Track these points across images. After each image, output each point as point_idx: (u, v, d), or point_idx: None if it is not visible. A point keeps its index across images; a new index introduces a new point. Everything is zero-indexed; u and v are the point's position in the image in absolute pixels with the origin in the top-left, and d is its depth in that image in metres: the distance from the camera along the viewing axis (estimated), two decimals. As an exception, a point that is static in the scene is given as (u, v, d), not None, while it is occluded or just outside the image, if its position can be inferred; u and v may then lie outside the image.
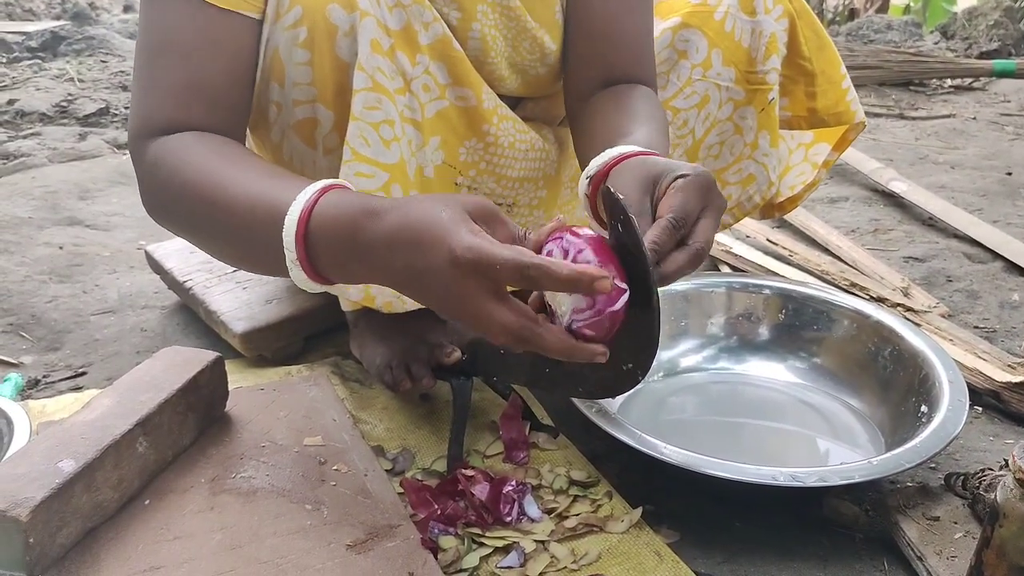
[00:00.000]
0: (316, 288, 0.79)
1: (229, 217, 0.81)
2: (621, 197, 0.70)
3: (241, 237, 0.82)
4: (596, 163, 0.86)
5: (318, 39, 0.90)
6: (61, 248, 1.65)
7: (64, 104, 2.75)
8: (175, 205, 0.87)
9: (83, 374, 1.23)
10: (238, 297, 1.26)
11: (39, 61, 3.37)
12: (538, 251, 0.71)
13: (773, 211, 1.36)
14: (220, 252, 0.91)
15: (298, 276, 0.77)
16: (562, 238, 0.70)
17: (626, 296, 0.70)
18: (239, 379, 1.13)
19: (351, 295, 1.02)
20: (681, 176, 0.77)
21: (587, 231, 0.70)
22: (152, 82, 0.90)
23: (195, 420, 0.94)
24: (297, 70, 0.91)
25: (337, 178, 0.87)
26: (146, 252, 1.44)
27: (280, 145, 0.98)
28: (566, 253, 0.69)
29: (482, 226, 0.70)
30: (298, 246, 0.74)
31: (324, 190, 0.76)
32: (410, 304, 1.00)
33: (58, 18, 4.19)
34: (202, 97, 0.89)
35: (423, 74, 0.95)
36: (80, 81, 3.09)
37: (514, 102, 1.13)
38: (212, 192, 0.82)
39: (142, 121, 0.90)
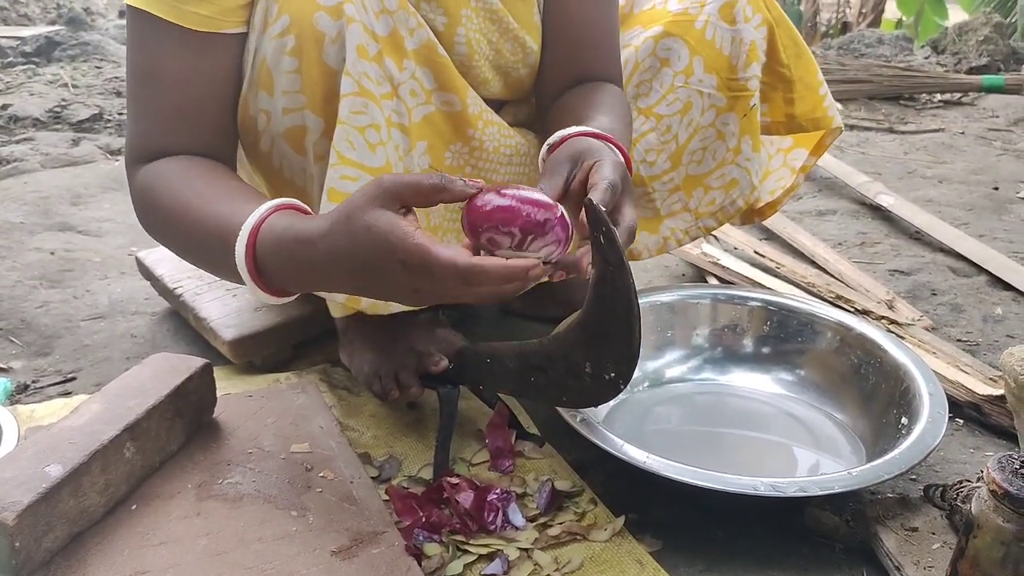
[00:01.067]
0: (277, 301, 0.87)
1: (195, 243, 0.91)
2: (603, 210, 0.71)
3: (208, 259, 0.92)
4: (558, 135, 0.93)
5: (306, 47, 0.91)
6: (52, 253, 1.66)
7: (58, 109, 2.75)
8: (159, 228, 0.96)
9: (72, 379, 1.24)
10: (228, 304, 1.27)
11: (33, 66, 3.38)
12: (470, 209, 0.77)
13: (754, 216, 1.37)
14: (200, 268, 1.00)
15: (258, 294, 0.85)
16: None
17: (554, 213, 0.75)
18: (227, 386, 1.14)
19: (337, 298, 1.03)
20: (599, 160, 0.84)
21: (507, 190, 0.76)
22: (140, 111, 0.96)
23: (183, 426, 0.95)
24: (285, 78, 0.93)
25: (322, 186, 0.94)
26: (137, 258, 1.44)
27: (270, 154, 1.00)
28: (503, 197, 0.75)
29: (403, 209, 0.76)
30: (250, 270, 0.83)
31: (265, 216, 0.82)
32: (395, 306, 1.02)
33: (53, 23, 4.20)
34: (187, 122, 0.94)
35: (410, 79, 0.97)
36: (74, 87, 3.09)
37: (498, 107, 1.15)
38: (181, 217, 0.90)
39: (132, 148, 0.97)
